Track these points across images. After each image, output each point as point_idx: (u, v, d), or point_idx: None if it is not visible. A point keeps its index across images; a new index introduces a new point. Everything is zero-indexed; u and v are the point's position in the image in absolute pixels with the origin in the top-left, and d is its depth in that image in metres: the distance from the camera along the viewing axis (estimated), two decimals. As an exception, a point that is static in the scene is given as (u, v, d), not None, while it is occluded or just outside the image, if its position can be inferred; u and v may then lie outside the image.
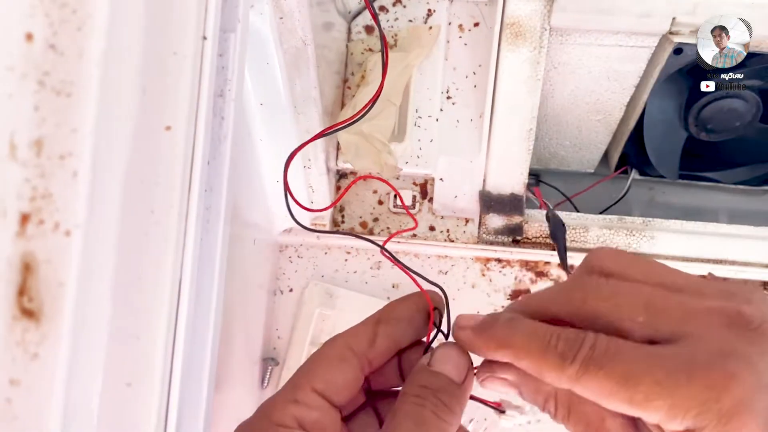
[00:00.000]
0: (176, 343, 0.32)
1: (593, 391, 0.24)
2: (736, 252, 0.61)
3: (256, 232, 0.59)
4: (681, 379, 0.23)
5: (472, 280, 0.64)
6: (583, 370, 0.24)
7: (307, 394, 0.29)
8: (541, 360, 0.26)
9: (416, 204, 0.65)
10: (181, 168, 0.31)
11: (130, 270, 0.29)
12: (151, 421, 0.31)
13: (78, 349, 0.25)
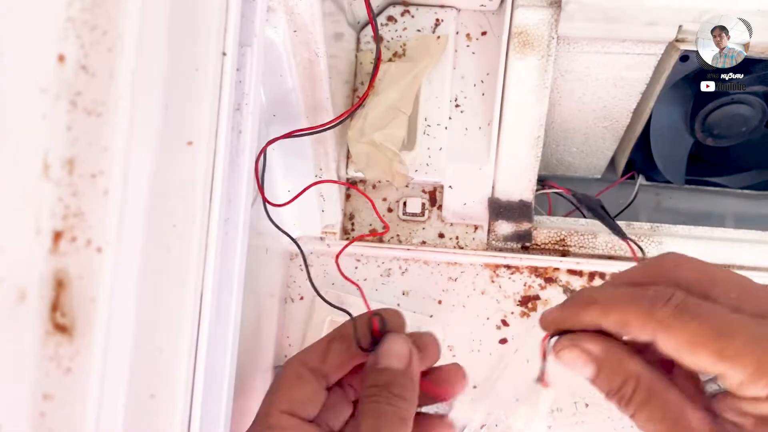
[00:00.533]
0: (198, 355, 0.33)
1: (681, 340, 0.24)
2: (744, 257, 0.61)
3: (269, 241, 0.59)
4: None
5: (481, 286, 0.65)
6: (675, 316, 0.24)
7: (276, 417, 0.33)
8: (630, 305, 0.26)
9: (425, 211, 0.65)
10: (203, 182, 0.32)
11: (154, 284, 0.30)
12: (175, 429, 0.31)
13: (107, 363, 0.26)
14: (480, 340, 0.64)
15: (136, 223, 0.27)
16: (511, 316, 0.64)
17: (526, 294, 0.64)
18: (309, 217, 0.60)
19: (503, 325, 0.64)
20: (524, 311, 0.64)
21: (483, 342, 0.64)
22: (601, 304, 0.27)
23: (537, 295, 0.64)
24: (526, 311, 0.64)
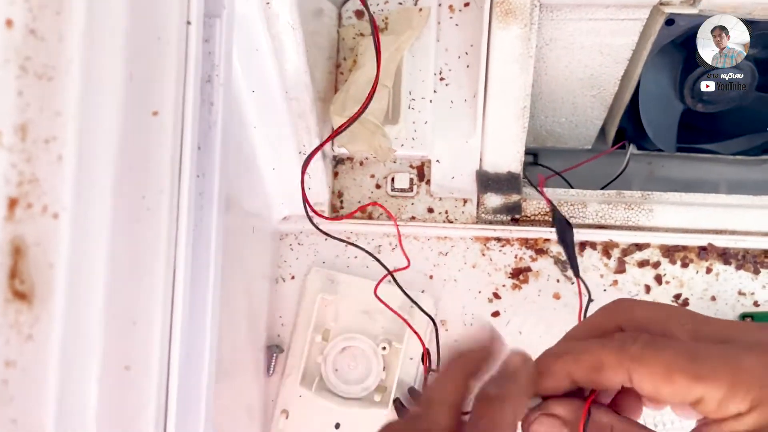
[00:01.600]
0: (173, 328, 0.33)
1: (657, 370, 0.24)
2: (736, 222, 0.60)
3: (255, 220, 0.59)
4: (743, 354, 0.23)
5: (472, 260, 0.64)
6: (647, 350, 0.24)
7: None
8: (602, 348, 0.26)
9: (414, 186, 0.65)
10: (170, 153, 0.32)
11: (124, 255, 0.30)
12: (151, 404, 0.31)
13: (73, 332, 0.26)
14: (472, 314, 0.64)
15: (99, 191, 0.27)
16: (503, 288, 0.64)
17: (517, 266, 0.64)
18: (295, 195, 0.60)
19: (495, 298, 0.64)
20: (516, 283, 0.64)
21: (475, 316, 0.64)
22: (572, 353, 0.27)
23: (528, 267, 0.64)
24: (517, 283, 0.64)
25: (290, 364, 0.63)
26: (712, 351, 0.24)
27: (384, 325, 0.63)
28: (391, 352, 0.62)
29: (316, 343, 0.62)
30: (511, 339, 0.62)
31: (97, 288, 0.27)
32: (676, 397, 0.24)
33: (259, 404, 0.62)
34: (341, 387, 0.62)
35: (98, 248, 0.27)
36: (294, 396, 0.62)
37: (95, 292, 0.27)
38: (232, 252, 0.49)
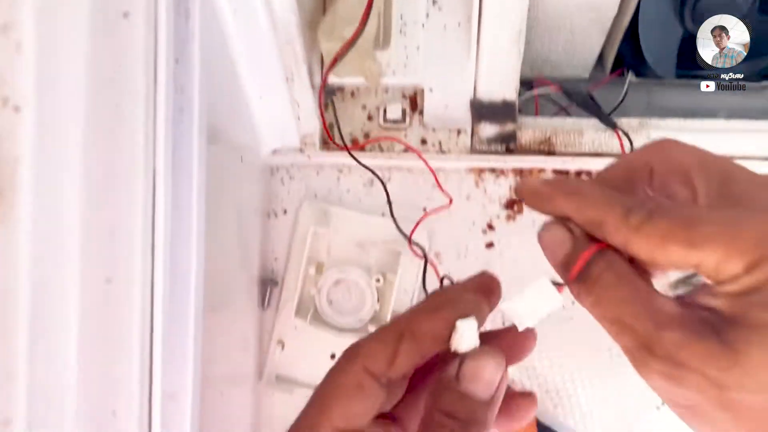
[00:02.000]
0: (156, 242, 0.32)
1: (653, 240, 0.24)
2: (735, 147, 0.59)
3: (243, 152, 0.58)
4: (742, 218, 0.23)
5: (466, 191, 0.63)
6: (647, 218, 0.24)
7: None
8: (608, 208, 0.25)
9: (406, 117, 0.64)
10: (143, 59, 0.30)
11: (98, 163, 0.29)
12: (135, 318, 0.31)
13: (45, 233, 0.25)
14: (466, 246, 0.63)
15: (67, 90, 0.25)
16: (497, 219, 0.63)
17: (512, 197, 0.63)
18: (285, 126, 0.58)
19: (489, 230, 0.63)
20: (510, 214, 0.63)
21: (469, 247, 0.63)
22: (582, 199, 0.26)
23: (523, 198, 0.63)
24: (511, 214, 0.63)
25: (285, 297, 0.63)
26: (713, 216, 0.23)
27: (377, 257, 0.63)
28: (385, 284, 0.61)
29: (309, 276, 0.62)
30: (505, 270, 0.62)
31: (69, 192, 0.26)
32: (673, 264, 0.24)
33: (254, 336, 0.62)
34: (336, 318, 0.62)
35: (69, 150, 0.26)
36: (289, 328, 0.63)
37: (68, 197, 0.26)
38: (219, 182, 0.48)
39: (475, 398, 0.26)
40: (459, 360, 0.26)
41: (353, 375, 0.27)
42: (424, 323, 0.27)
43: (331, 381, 0.27)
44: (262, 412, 0.63)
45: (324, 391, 0.28)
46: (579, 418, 0.59)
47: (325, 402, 0.27)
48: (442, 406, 0.26)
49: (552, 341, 0.59)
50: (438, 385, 0.27)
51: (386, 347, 0.27)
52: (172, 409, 0.36)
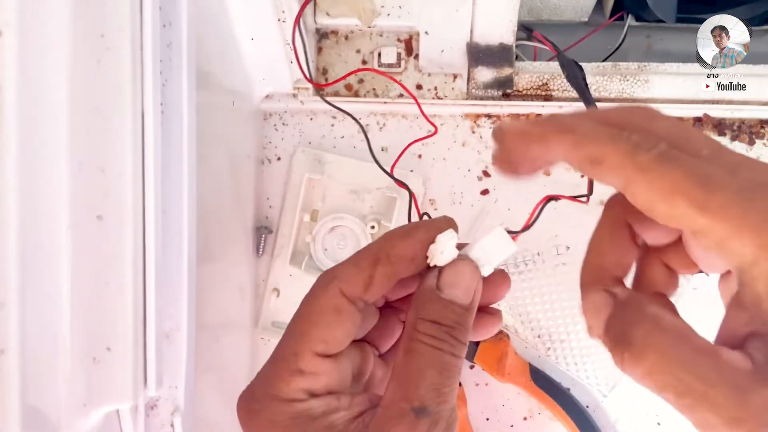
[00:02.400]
0: (146, 179, 0.32)
1: (660, 186, 0.21)
2: (733, 91, 0.58)
3: (235, 96, 0.57)
4: (758, 192, 0.20)
5: (462, 138, 0.63)
6: (658, 161, 0.21)
7: (309, 360, 0.27)
8: (610, 143, 0.22)
9: (401, 62, 0.62)
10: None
11: (84, 96, 0.28)
12: (128, 254, 0.31)
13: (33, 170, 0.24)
14: (461, 192, 0.63)
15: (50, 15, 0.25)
16: (492, 166, 0.63)
17: (508, 143, 0.62)
18: (277, 69, 0.57)
19: (484, 176, 0.63)
20: (506, 161, 0.62)
21: (464, 194, 0.63)
22: (577, 134, 0.23)
23: (519, 144, 0.62)
24: (508, 161, 0.62)
25: (279, 245, 0.63)
26: (727, 182, 0.20)
27: (372, 204, 0.62)
28: (379, 231, 0.61)
29: (304, 223, 0.62)
30: (500, 216, 0.62)
31: (56, 122, 0.25)
32: (671, 219, 0.21)
33: (249, 283, 0.62)
34: (331, 265, 0.62)
35: (54, 78, 0.25)
36: (284, 275, 0.63)
37: (54, 127, 0.25)
38: (210, 127, 0.47)
39: (457, 304, 0.26)
40: (438, 271, 0.27)
41: (330, 299, 0.28)
42: (399, 246, 0.28)
43: (309, 306, 0.28)
44: (259, 357, 0.63)
45: (302, 316, 0.28)
46: (571, 360, 0.60)
47: (304, 328, 0.28)
48: (426, 314, 0.26)
49: (545, 286, 0.60)
50: (419, 296, 0.27)
51: (362, 271, 0.28)
52: (167, 348, 0.37)
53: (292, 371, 0.27)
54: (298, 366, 0.26)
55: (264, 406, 0.26)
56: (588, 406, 0.60)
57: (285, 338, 0.28)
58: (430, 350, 0.26)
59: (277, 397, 0.26)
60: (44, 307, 0.27)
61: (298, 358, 0.27)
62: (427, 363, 0.25)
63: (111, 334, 0.31)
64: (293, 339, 0.28)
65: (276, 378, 0.27)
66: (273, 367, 0.28)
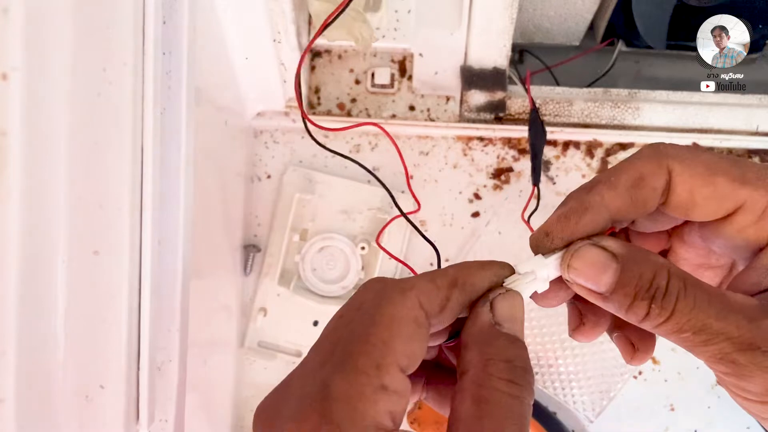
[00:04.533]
0: (144, 213, 0.31)
1: (698, 168, 0.23)
2: (722, 121, 0.59)
3: (227, 114, 0.56)
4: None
5: (453, 160, 0.63)
6: (689, 150, 0.23)
7: (394, 377, 0.22)
8: (637, 163, 0.24)
9: (395, 82, 0.62)
10: (132, 21, 0.29)
11: (85, 132, 0.27)
12: (124, 290, 0.30)
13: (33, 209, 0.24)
14: (452, 215, 0.63)
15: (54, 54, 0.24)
16: (484, 189, 0.63)
17: (499, 166, 0.63)
18: (270, 88, 0.57)
19: (475, 199, 0.63)
20: (497, 184, 0.63)
21: (455, 216, 0.63)
22: (605, 180, 0.24)
23: (510, 167, 0.63)
24: (498, 184, 0.63)
25: (268, 264, 0.62)
26: (754, 165, 0.23)
27: (363, 225, 0.62)
28: (369, 252, 0.61)
29: (293, 242, 0.61)
30: (491, 240, 0.62)
31: (57, 162, 0.25)
32: (714, 202, 0.22)
33: (236, 302, 0.61)
34: (319, 286, 0.61)
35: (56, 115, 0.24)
36: (272, 295, 0.62)
37: (56, 167, 0.25)
38: (203, 145, 0.47)
39: (521, 342, 0.24)
40: (488, 302, 0.24)
41: (410, 309, 0.23)
42: (477, 276, 0.25)
43: (388, 314, 0.23)
44: (245, 378, 0.63)
45: (381, 323, 0.23)
46: (558, 385, 0.60)
47: (386, 337, 0.22)
48: (496, 353, 0.23)
49: (534, 311, 0.60)
50: (479, 332, 0.24)
51: (440, 290, 0.24)
52: (159, 381, 0.36)
53: (376, 388, 0.21)
54: (382, 381, 0.21)
55: (347, 428, 0.20)
56: (574, 430, 0.60)
57: (358, 348, 0.22)
58: (507, 399, 0.22)
59: (362, 423, 0.21)
60: (40, 348, 0.26)
61: (381, 372, 0.21)
62: (505, 415, 0.21)
63: (104, 371, 0.30)
64: (373, 349, 0.22)
65: (360, 397, 0.21)
66: (353, 383, 0.21)
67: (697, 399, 0.62)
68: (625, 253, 0.23)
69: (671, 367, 0.62)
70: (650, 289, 0.22)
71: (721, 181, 0.22)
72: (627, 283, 0.23)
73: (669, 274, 0.22)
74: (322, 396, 0.21)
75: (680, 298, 0.22)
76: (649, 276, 0.22)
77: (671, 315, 0.22)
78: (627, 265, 0.23)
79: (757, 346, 0.21)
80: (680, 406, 0.62)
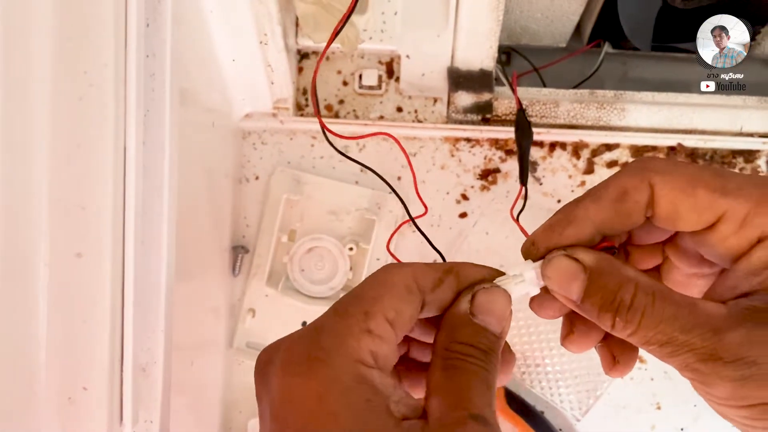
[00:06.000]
0: (126, 215, 0.31)
1: (680, 180, 0.23)
2: (706, 121, 0.60)
3: (215, 116, 0.56)
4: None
5: (441, 161, 0.63)
6: (671, 162, 0.24)
7: (379, 324, 0.24)
8: (621, 178, 0.25)
9: (382, 84, 0.63)
10: (113, 23, 0.29)
11: (66, 134, 0.27)
12: (106, 291, 0.30)
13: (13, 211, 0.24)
14: (440, 215, 0.63)
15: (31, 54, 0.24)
16: (471, 190, 0.63)
17: (486, 167, 0.63)
18: (257, 89, 0.57)
19: (463, 200, 0.63)
20: (484, 185, 0.63)
21: (443, 217, 0.63)
22: (592, 194, 0.26)
23: (497, 168, 0.63)
24: (486, 185, 0.63)
25: (256, 264, 0.62)
26: (735, 174, 0.23)
27: (351, 225, 0.62)
28: (357, 253, 0.61)
29: (281, 243, 0.61)
30: (478, 240, 0.63)
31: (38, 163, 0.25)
32: (696, 213, 0.23)
33: (225, 303, 0.62)
34: (308, 287, 0.61)
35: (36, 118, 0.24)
36: (260, 295, 0.62)
37: (37, 170, 0.25)
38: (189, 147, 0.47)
39: (490, 331, 0.26)
40: (471, 295, 0.26)
41: (403, 277, 0.26)
42: (471, 269, 0.27)
43: (383, 278, 0.26)
44: (233, 379, 0.63)
45: (374, 284, 0.26)
46: (545, 384, 0.61)
47: (377, 293, 0.25)
48: (460, 337, 0.25)
49: (521, 311, 0.60)
50: (452, 320, 0.26)
51: (435, 272, 0.27)
52: (143, 382, 0.36)
53: (362, 329, 0.24)
54: (368, 325, 0.24)
55: (331, 359, 0.23)
56: (561, 429, 0.61)
57: (350, 300, 0.25)
58: (474, 367, 0.25)
59: (346, 353, 0.23)
60: (21, 351, 0.26)
61: (369, 318, 0.24)
62: (473, 378, 0.24)
63: (87, 373, 0.30)
64: (363, 301, 0.25)
65: (347, 333, 0.24)
66: (342, 321, 0.24)
67: (683, 397, 0.62)
68: (594, 264, 0.25)
69: (658, 366, 0.63)
70: (614, 301, 0.24)
71: (701, 193, 0.23)
72: (593, 293, 0.24)
73: (636, 287, 0.23)
74: (315, 331, 0.24)
75: (647, 314, 0.23)
76: (613, 288, 0.24)
77: (637, 329, 0.23)
78: (593, 277, 0.24)
79: (719, 357, 0.21)
80: (666, 405, 0.63)
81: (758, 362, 0.21)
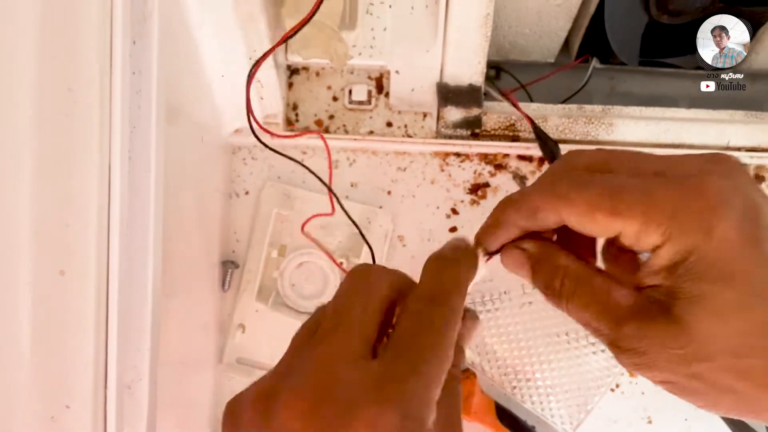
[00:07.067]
0: (111, 233, 0.31)
1: (581, 208, 0.25)
2: (694, 136, 0.60)
3: (204, 131, 0.56)
4: (659, 189, 0.24)
5: (431, 175, 0.63)
6: (573, 188, 0.26)
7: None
8: (534, 195, 0.27)
9: (372, 99, 0.63)
10: (97, 39, 0.29)
11: (51, 151, 0.27)
12: (89, 309, 0.30)
13: None
14: (430, 230, 0.63)
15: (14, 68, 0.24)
16: (461, 204, 0.63)
17: (476, 182, 0.63)
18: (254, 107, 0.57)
19: (453, 214, 0.63)
20: (474, 199, 0.63)
21: (433, 231, 0.63)
22: (513, 203, 0.28)
23: (487, 183, 0.63)
24: (476, 199, 0.63)
25: (246, 280, 0.62)
26: (633, 186, 0.25)
27: (341, 240, 0.62)
28: (348, 267, 0.61)
29: (272, 258, 0.61)
30: (469, 253, 0.63)
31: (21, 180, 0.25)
32: (600, 232, 0.26)
33: (214, 319, 0.61)
34: (298, 302, 0.61)
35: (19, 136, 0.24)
36: (250, 311, 0.62)
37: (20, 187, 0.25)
38: (178, 162, 0.47)
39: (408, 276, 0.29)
40: None
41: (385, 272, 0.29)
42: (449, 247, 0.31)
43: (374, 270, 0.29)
44: (223, 395, 0.62)
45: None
46: (536, 399, 0.61)
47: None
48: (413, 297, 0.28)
49: (511, 325, 0.60)
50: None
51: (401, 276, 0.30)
52: (128, 399, 0.36)
53: None
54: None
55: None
56: (553, 444, 0.61)
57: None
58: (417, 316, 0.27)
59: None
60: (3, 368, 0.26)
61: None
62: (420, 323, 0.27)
63: (70, 391, 0.30)
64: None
65: None
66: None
67: (674, 411, 0.62)
68: (536, 254, 0.28)
69: (649, 380, 0.62)
70: (549, 287, 0.27)
71: (599, 217, 0.25)
72: (536, 279, 0.28)
73: (564, 275, 0.27)
74: None
75: (570, 300, 0.27)
76: (547, 277, 0.28)
77: (568, 311, 0.27)
78: (535, 266, 0.28)
79: (617, 345, 0.25)
80: (658, 419, 0.63)
81: (647, 353, 0.24)
